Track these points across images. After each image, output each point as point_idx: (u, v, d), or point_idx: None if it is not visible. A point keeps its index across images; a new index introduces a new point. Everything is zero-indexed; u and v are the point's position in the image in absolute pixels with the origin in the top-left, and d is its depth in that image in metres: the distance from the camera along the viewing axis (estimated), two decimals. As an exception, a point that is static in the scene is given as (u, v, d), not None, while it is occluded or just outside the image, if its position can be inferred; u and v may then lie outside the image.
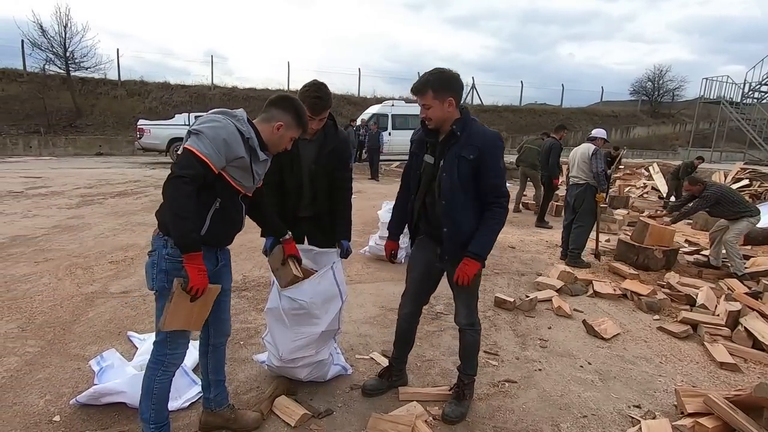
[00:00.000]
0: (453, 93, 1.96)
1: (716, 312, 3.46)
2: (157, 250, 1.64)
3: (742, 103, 19.72)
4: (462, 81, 2.03)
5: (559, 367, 2.71)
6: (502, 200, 2.00)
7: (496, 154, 1.99)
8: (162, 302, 1.65)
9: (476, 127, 2.01)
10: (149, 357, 1.76)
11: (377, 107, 16.79)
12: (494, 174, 1.97)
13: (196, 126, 1.59)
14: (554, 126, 7.20)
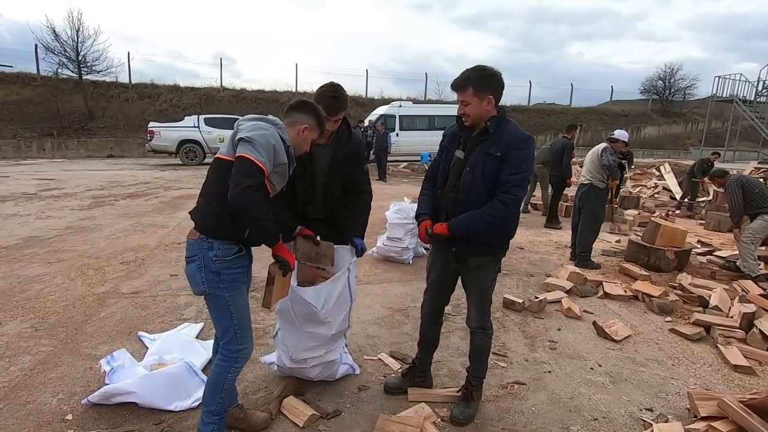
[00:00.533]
0: (493, 91, 1.96)
1: (730, 314, 3.40)
2: (201, 254, 1.66)
3: (756, 101, 19.39)
4: (503, 80, 2.01)
5: (569, 369, 2.68)
6: (506, 196, 1.91)
7: (521, 154, 1.93)
8: (217, 302, 1.72)
9: (510, 126, 2.00)
10: (218, 358, 1.81)
11: (385, 108, 16.80)
12: (510, 171, 1.92)
13: (247, 134, 1.62)
14: (565, 126, 7.19)
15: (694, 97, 30.00)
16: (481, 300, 2.15)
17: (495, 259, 2.12)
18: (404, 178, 13.10)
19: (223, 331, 1.77)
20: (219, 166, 1.70)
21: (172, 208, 7.08)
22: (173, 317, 3.16)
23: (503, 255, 2.18)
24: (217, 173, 1.70)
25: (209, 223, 1.67)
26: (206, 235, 1.67)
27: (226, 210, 1.60)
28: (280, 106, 22.49)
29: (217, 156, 1.74)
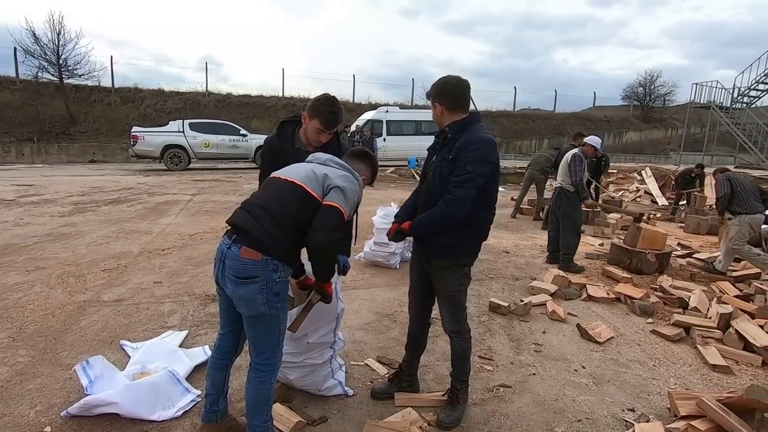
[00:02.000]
0: (442, 99, 2.06)
1: (708, 315, 3.49)
2: (266, 276, 1.65)
3: (732, 107, 19.98)
4: (456, 87, 2.07)
5: (553, 372, 2.71)
6: (447, 197, 1.95)
7: (468, 156, 1.94)
8: (270, 321, 1.75)
9: (470, 130, 2.02)
10: (257, 374, 1.80)
11: (372, 113, 16.85)
12: (455, 172, 1.96)
13: (342, 183, 1.76)
14: (572, 133, 7.24)
15: (674, 103, 30.87)
16: (449, 304, 2.17)
17: (458, 264, 2.10)
18: (392, 182, 13.14)
19: (268, 347, 1.78)
20: (294, 192, 1.72)
21: (156, 214, 6.97)
22: (156, 325, 3.11)
23: (468, 261, 2.16)
24: (290, 197, 1.71)
25: (280, 251, 1.67)
26: (272, 257, 1.65)
27: (298, 239, 1.71)
28: (266, 111, 22.40)
29: (291, 180, 1.75)
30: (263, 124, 20.99)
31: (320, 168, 1.81)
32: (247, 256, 1.63)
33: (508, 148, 23.61)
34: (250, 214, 1.70)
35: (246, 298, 1.66)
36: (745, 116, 19.77)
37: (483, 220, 2.09)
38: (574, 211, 4.92)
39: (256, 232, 1.64)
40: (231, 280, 1.66)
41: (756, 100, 19.98)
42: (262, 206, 1.71)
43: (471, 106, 2.19)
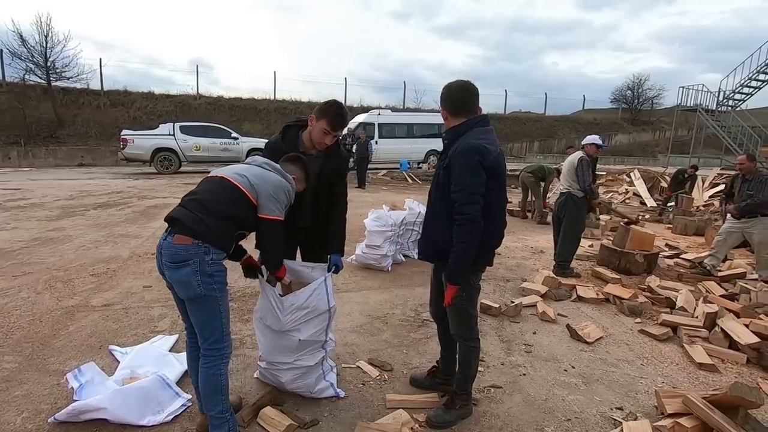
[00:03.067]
0: (445, 103, 2.07)
1: (695, 314, 3.55)
2: (197, 258, 1.74)
3: (718, 110, 20.34)
4: (455, 91, 2.05)
5: (543, 372, 2.74)
6: (459, 218, 1.90)
7: (459, 165, 1.91)
8: (208, 305, 1.81)
9: (465, 137, 1.98)
10: (207, 360, 1.87)
11: (364, 116, 16.88)
12: (454, 188, 1.92)
13: (273, 189, 1.92)
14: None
15: (662, 107, 31.32)
16: (453, 312, 2.14)
17: None
18: (384, 185, 13.16)
19: (212, 331, 1.85)
20: (226, 188, 1.87)
21: (146, 217, 6.91)
22: (146, 330, 3.09)
23: (475, 273, 2.11)
24: (224, 194, 1.85)
25: (210, 235, 1.77)
26: (202, 241, 1.75)
27: (231, 228, 1.84)
28: (258, 114, 22.33)
29: (226, 178, 1.89)
30: (255, 127, 20.92)
31: (256, 171, 1.95)
32: (179, 242, 1.74)
33: (500, 150, 23.71)
34: (184, 207, 1.83)
35: (182, 281, 1.76)
36: (731, 119, 20.14)
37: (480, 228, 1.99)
38: (579, 217, 4.78)
39: (187, 220, 1.76)
40: (167, 267, 1.77)
41: (741, 103, 20.35)
42: (195, 199, 1.84)
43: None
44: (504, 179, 2.04)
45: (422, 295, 3.91)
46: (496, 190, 1.98)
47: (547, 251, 5.80)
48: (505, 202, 2.12)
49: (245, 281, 4.10)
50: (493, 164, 1.93)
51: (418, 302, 3.78)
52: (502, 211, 2.09)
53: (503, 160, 2.04)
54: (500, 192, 2.03)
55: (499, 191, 2.02)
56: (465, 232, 1.91)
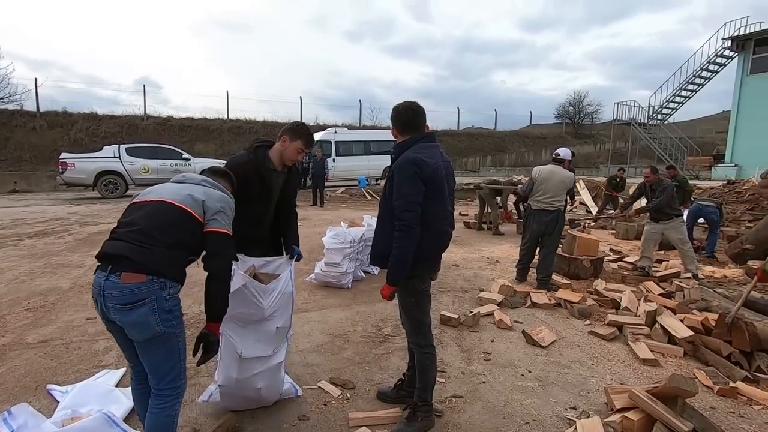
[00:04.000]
0: (393, 123, 2.23)
1: (638, 313, 3.79)
2: (153, 295, 1.60)
3: (649, 124, 22.14)
4: (401, 111, 2.20)
5: (502, 378, 2.82)
6: (397, 224, 2.04)
7: (399, 176, 2.05)
8: (168, 342, 1.68)
9: (407, 152, 2.12)
10: (160, 401, 1.73)
11: (320, 134, 16.88)
12: (395, 197, 2.06)
13: (221, 205, 1.82)
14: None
15: (600, 121, 33.69)
16: (404, 316, 2.28)
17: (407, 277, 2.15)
18: (342, 203, 13.15)
19: (169, 369, 1.72)
20: (167, 210, 1.73)
21: (89, 245, 6.49)
22: (90, 365, 2.88)
23: (422, 280, 2.21)
24: (166, 218, 1.71)
25: (164, 267, 1.63)
26: (157, 276, 1.61)
27: (181, 256, 1.71)
28: (210, 134, 21.75)
29: (165, 200, 1.75)
30: (207, 147, 20.35)
31: (197, 189, 1.84)
32: (129, 281, 1.57)
33: (454, 165, 24.45)
34: (124, 240, 1.65)
35: (138, 323, 1.60)
36: (660, 131, 21.96)
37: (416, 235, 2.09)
38: (561, 231, 4.81)
39: (135, 254, 1.60)
40: (117, 310, 1.59)
41: (668, 117, 22.29)
42: (135, 230, 1.66)
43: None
44: (443, 191, 2.14)
45: (383, 311, 3.92)
46: (434, 201, 2.09)
47: (503, 261, 6.01)
48: (444, 213, 2.18)
49: (200, 307, 3.94)
50: (430, 176, 2.05)
51: (380, 318, 3.79)
52: (441, 221, 2.16)
53: (442, 173, 2.14)
54: (438, 202, 2.12)
55: (437, 201, 2.11)
56: (401, 237, 2.04)
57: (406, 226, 2.03)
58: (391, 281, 2.13)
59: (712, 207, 6.58)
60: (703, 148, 24.05)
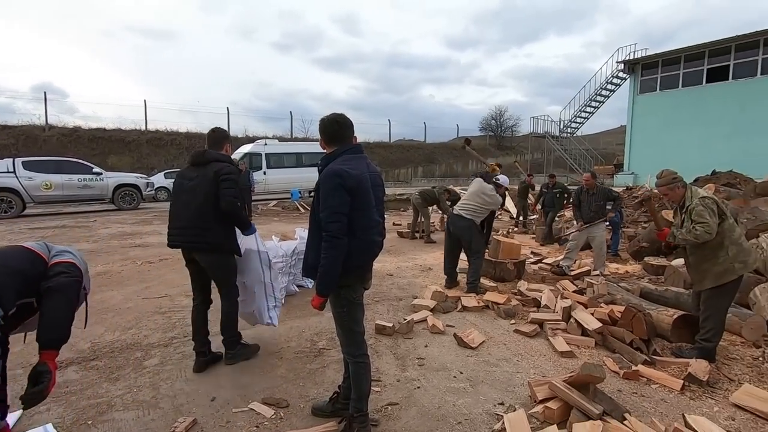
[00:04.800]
0: (321, 134, 2.26)
1: (555, 310, 4.11)
2: None
3: (561, 136, 24.35)
4: (327, 123, 2.23)
5: (435, 381, 2.90)
6: (323, 234, 2.05)
7: (323, 187, 2.08)
8: None
9: (332, 163, 2.15)
10: None
11: (249, 146, 16.39)
12: (321, 208, 2.08)
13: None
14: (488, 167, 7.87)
15: (519, 134, 36.46)
16: (337, 326, 2.28)
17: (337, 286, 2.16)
18: (275, 216, 12.80)
19: None
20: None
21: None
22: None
23: (354, 289, 2.21)
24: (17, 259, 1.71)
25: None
26: None
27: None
28: (126, 146, 20.15)
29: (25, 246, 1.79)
30: (123, 161, 18.83)
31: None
32: None
33: (387, 176, 24.94)
34: None
35: None
36: (570, 143, 24.23)
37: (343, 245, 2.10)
38: (482, 237, 5.12)
39: None
40: None
41: (576, 130, 24.65)
42: None
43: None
44: (369, 201, 2.17)
45: (318, 325, 3.86)
46: (360, 211, 2.12)
47: (435, 268, 6.21)
48: (371, 222, 2.19)
49: (114, 334, 3.61)
50: (355, 186, 2.07)
51: (314, 332, 3.72)
52: (369, 231, 2.17)
53: (368, 183, 2.17)
54: (365, 212, 2.14)
55: (363, 211, 2.13)
56: (327, 248, 2.05)
57: (333, 237, 2.04)
58: (321, 292, 2.13)
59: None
60: (607, 158, 26.91)
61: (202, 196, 2.83)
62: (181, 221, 2.90)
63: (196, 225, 2.84)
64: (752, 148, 14.38)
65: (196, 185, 2.87)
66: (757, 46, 14.93)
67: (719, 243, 3.05)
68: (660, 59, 17.94)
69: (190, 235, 2.86)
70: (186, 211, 2.87)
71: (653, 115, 17.95)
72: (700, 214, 3.02)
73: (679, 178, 3.26)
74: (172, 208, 2.97)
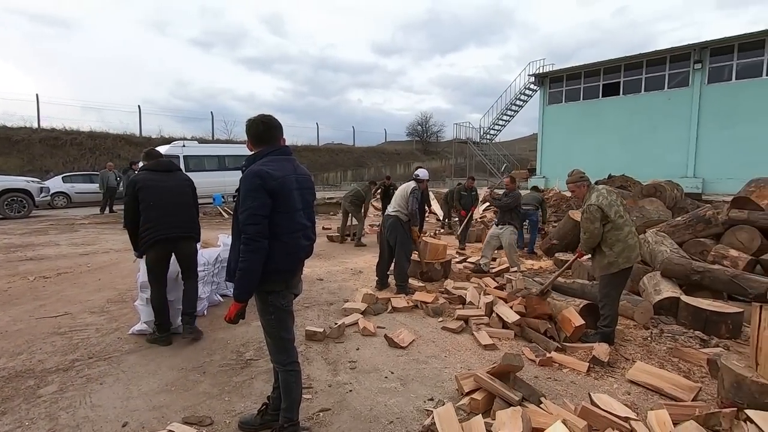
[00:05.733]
0: (247, 136, 2.19)
1: (479, 305, 4.34)
2: None
3: (481, 142, 25.87)
4: (252, 124, 2.17)
5: (367, 383, 2.91)
6: (243, 237, 1.98)
7: (243, 188, 2.02)
8: None
9: (255, 164, 2.09)
10: None
11: (165, 148, 15.19)
12: (240, 210, 2.02)
13: None
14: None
15: (444, 139, 38.06)
16: (265, 333, 2.21)
17: (262, 291, 2.10)
18: (195, 222, 12.01)
19: None
20: None
21: None
22: None
23: (269, 288, 2.10)
24: None
25: None
26: None
27: None
28: (14, 146, 17.69)
29: None
30: (10, 163, 16.52)
31: None
32: None
33: (317, 180, 24.65)
34: None
35: None
36: (490, 149, 25.84)
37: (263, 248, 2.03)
38: (408, 238, 5.16)
39: None
40: None
41: (495, 137, 26.33)
42: None
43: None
44: (293, 203, 2.10)
45: (245, 335, 3.69)
46: (283, 213, 2.07)
47: (365, 271, 6.24)
48: (296, 225, 2.12)
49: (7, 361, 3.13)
50: (277, 188, 2.01)
51: (240, 343, 3.55)
52: (294, 233, 2.11)
53: (293, 185, 2.11)
54: (288, 215, 2.09)
55: (287, 214, 2.08)
56: (245, 251, 1.99)
57: (251, 239, 1.97)
58: (238, 297, 2.04)
59: (533, 210, 7.99)
60: (522, 163, 29.07)
61: (186, 196, 3.58)
62: (176, 215, 3.47)
63: (190, 218, 3.58)
64: (639, 155, 16.44)
65: (175, 186, 3.52)
66: (641, 66, 17.13)
67: (604, 241, 3.51)
68: (564, 74, 19.82)
69: (186, 227, 3.53)
70: (178, 207, 3.49)
71: (560, 124, 19.77)
72: (583, 224, 3.58)
73: (586, 178, 3.70)
74: (156, 205, 3.39)
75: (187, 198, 3.59)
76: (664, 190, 7.64)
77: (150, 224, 3.37)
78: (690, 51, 15.60)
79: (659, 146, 16.33)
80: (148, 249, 3.40)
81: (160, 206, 3.40)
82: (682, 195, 8.09)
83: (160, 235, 3.38)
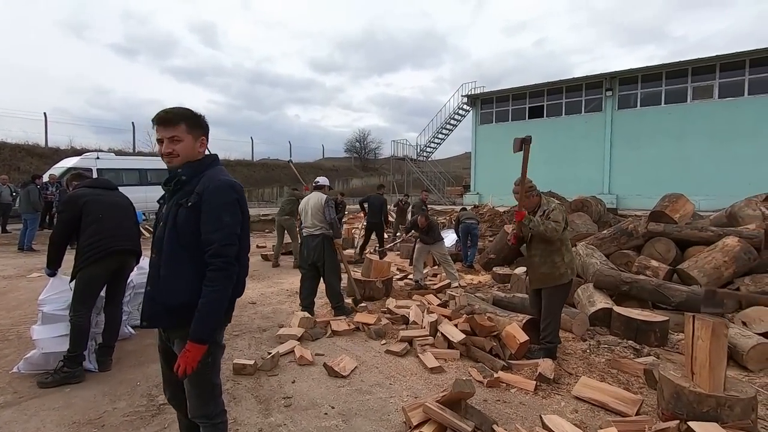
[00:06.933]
0: (205, 133, 1.79)
1: (423, 325, 4.16)
2: None
3: (419, 159, 26.45)
4: (203, 118, 1.81)
5: (304, 423, 2.57)
6: (216, 261, 1.62)
7: (217, 202, 1.65)
8: None
9: (211, 172, 1.73)
10: None
11: (75, 160, 13.70)
12: (210, 228, 1.64)
13: None
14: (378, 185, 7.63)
15: (382, 156, 38.53)
16: (195, 382, 1.71)
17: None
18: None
19: None
20: None
21: None
22: None
23: (223, 329, 1.86)
24: None
25: None
26: None
27: None
28: None
29: None
30: None
31: None
32: None
33: (251, 196, 23.61)
34: None
35: None
36: (427, 166, 26.48)
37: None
38: (335, 254, 4.74)
39: None
40: None
41: (431, 154, 27.08)
42: None
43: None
44: (248, 222, 1.85)
45: (157, 374, 3.15)
46: (245, 233, 1.79)
47: (302, 291, 5.84)
48: (249, 245, 1.88)
49: None
50: (245, 205, 1.79)
51: (153, 384, 3.04)
52: (247, 255, 1.87)
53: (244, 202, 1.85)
54: (247, 234, 1.82)
55: (246, 233, 1.81)
56: (222, 278, 1.62)
57: (229, 264, 1.64)
58: (205, 338, 1.61)
59: (475, 223, 8.07)
60: (457, 180, 30.12)
61: (132, 212, 3.51)
62: (129, 229, 3.41)
63: (137, 234, 3.52)
64: (562, 173, 17.68)
65: (121, 200, 3.47)
66: (561, 92, 18.61)
67: (558, 249, 3.50)
68: (494, 96, 20.97)
69: (135, 242, 3.44)
70: (127, 222, 3.42)
71: (491, 143, 20.75)
72: (556, 215, 3.46)
73: (535, 188, 3.70)
74: (108, 217, 3.25)
75: (132, 214, 3.51)
76: (590, 205, 8.13)
77: (102, 236, 3.20)
78: (602, 80, 17.24)
79: (579, 165, 17.73)
80: (97, 261, 3.15)
81: (112, 218, 3.28)
82: (605, 210, 8.68)
83: (116, 246, 3.23)
